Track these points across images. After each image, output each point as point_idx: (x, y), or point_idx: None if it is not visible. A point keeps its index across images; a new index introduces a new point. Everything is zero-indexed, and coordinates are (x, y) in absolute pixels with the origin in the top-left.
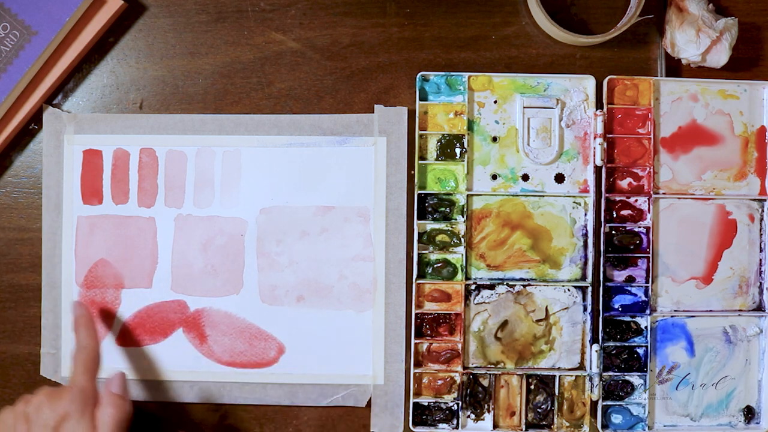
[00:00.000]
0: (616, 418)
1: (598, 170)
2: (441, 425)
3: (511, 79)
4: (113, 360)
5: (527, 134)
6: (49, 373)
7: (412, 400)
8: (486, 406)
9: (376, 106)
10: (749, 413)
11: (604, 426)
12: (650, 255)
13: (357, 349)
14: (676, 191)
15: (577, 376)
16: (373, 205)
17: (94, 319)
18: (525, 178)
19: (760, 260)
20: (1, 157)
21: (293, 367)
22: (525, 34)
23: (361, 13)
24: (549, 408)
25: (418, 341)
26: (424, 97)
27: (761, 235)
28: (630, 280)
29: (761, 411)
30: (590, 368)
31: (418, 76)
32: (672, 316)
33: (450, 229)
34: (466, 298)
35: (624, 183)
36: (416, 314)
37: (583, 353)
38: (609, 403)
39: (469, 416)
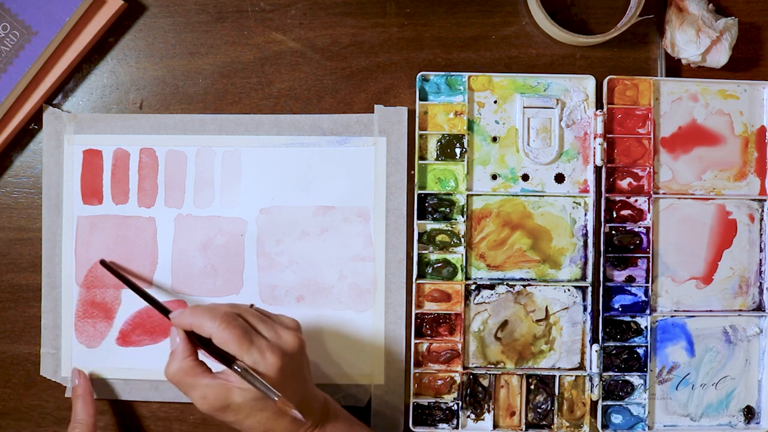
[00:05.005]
0: (616, 418)
1: (598, 170)
2: (441, 425)
3: (511, 79)
4: (113, 360)
5: (527, 134)
6: (49, 373)
7: (412, 400)
8: (486, 406)
9: (376, 106)
10: (749, 413)
11: (604, 426)
12: (650, 255)
13: (357, 349)
14: (676, 191)
15: (577, 376)
16: (373, 205)
17: (92, 391)
18: (525, 178)
19: (760, 260)
20: (1, 157)
21: None
22: (525, 34)
23: (361, 13)
24: (549, 408)
25: (418, 341)
26: (424, 97)
27: (761, 235)
28: (630, 280)
29: (761, 411)
30: (590, 368)
31: (418, 76)
32: (672, 316)
33: (450, 229)
34: (466, 298)
35: (624, 183)
36: (416, 314)
37: (583, 353)
38: (609, 403)
39: (469, 416)
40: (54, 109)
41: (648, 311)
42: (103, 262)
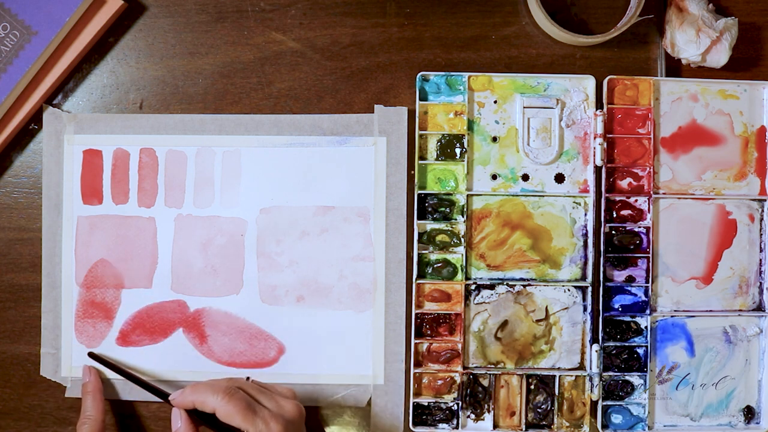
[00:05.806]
0: (616, 418)
1: (598, 170)
2: (441, 425)
3: (511, 79)
4: (113, 360)
5: (527, 134)
6: (49, 373)
7: (412, 400)
8: (486, 406)
9: (376, 106)
10: (749, 413)
11: (604, 426)
12: (650, 255)
13: (357, 349)
14: (676, 191)
15: (577, 376)
16: (373, 205)
17: (101, 389)
18: (525, 178)
19: (760, 260)
20: (1, 157)
21: (293, 367)
22: (525, 34)
23: (361, 13)
24: (549, 408)
25: (418, 341)
26: (424, 97)
27: (761, 235)
28: (630, 280)
29: (761, 411)
30: (590, 368)
31: (418, 76)
32: (672, 316)
33: (450, 229)
34: (466, 298)
35: (624, 183)
36: (416, 314)
37: (583, 353)
38: (609, 403)
39: (469, 416)
40: (54, 109)
41: (648, 311)
42: (91, 354)
